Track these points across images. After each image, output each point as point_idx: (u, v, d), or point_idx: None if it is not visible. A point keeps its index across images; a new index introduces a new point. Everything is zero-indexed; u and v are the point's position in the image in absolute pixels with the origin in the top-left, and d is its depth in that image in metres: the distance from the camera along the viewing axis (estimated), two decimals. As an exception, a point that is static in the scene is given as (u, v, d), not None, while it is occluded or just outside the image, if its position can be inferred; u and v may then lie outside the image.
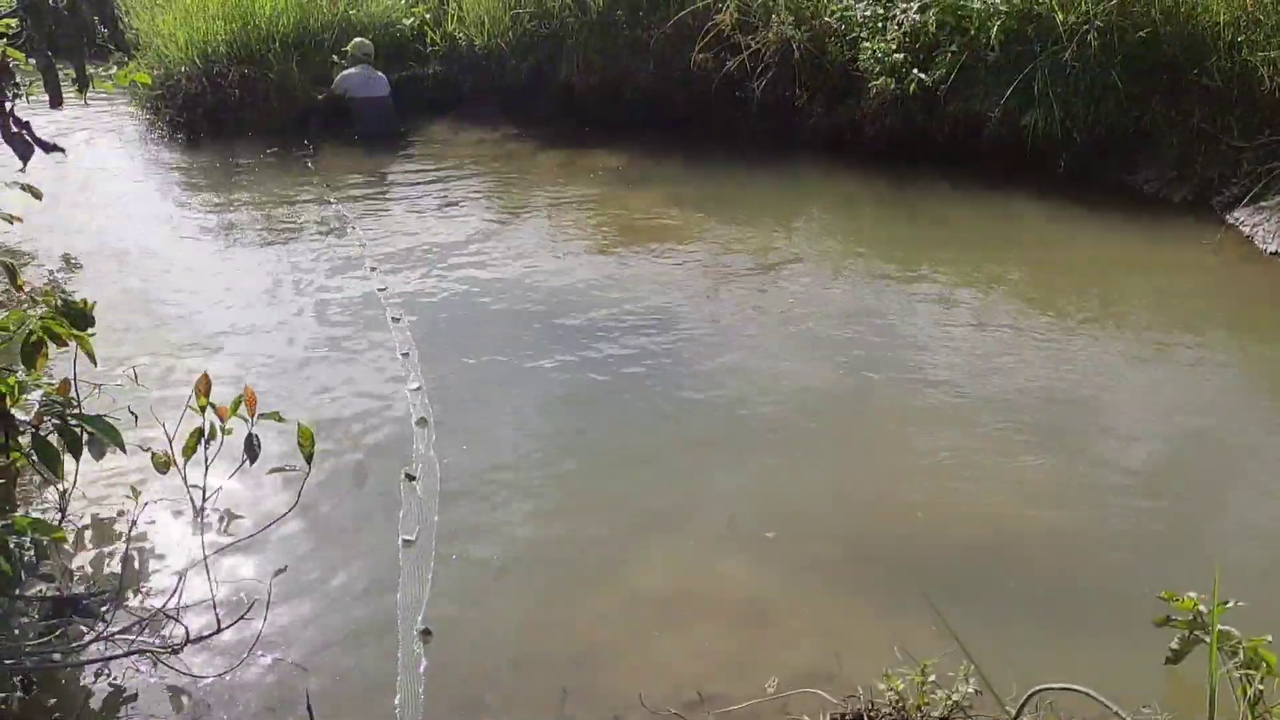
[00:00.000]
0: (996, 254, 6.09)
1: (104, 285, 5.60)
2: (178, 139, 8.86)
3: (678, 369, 4.78)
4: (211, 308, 5.46)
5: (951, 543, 3.57)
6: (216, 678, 2.91)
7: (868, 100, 7.53)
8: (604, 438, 4.29)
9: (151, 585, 3.31)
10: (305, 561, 3.45)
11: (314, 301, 5.56)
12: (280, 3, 9.05)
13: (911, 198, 7.06)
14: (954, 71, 7.19)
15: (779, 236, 6.52)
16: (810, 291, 5.60)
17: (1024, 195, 6.83)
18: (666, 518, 3.73)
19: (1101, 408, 4.45)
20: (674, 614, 3.26)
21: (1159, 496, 3.88)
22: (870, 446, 4.19)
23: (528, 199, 7.31)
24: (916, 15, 7.34)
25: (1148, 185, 6.88)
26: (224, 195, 7.51)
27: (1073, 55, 6.83)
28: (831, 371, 4.76)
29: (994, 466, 3.98)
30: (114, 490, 3.73)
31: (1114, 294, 5.67)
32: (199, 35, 8.89)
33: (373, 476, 3.96)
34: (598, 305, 5.43)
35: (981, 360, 4.79)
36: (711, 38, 8.16)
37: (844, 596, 3.35)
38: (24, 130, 2.19)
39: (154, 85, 8.66)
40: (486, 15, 9.12)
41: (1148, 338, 5.10)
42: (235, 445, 3.31)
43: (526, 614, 3.28)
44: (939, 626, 3.04)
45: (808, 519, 3.72)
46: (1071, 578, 3.41)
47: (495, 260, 6.13)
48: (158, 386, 4.42)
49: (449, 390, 4.59)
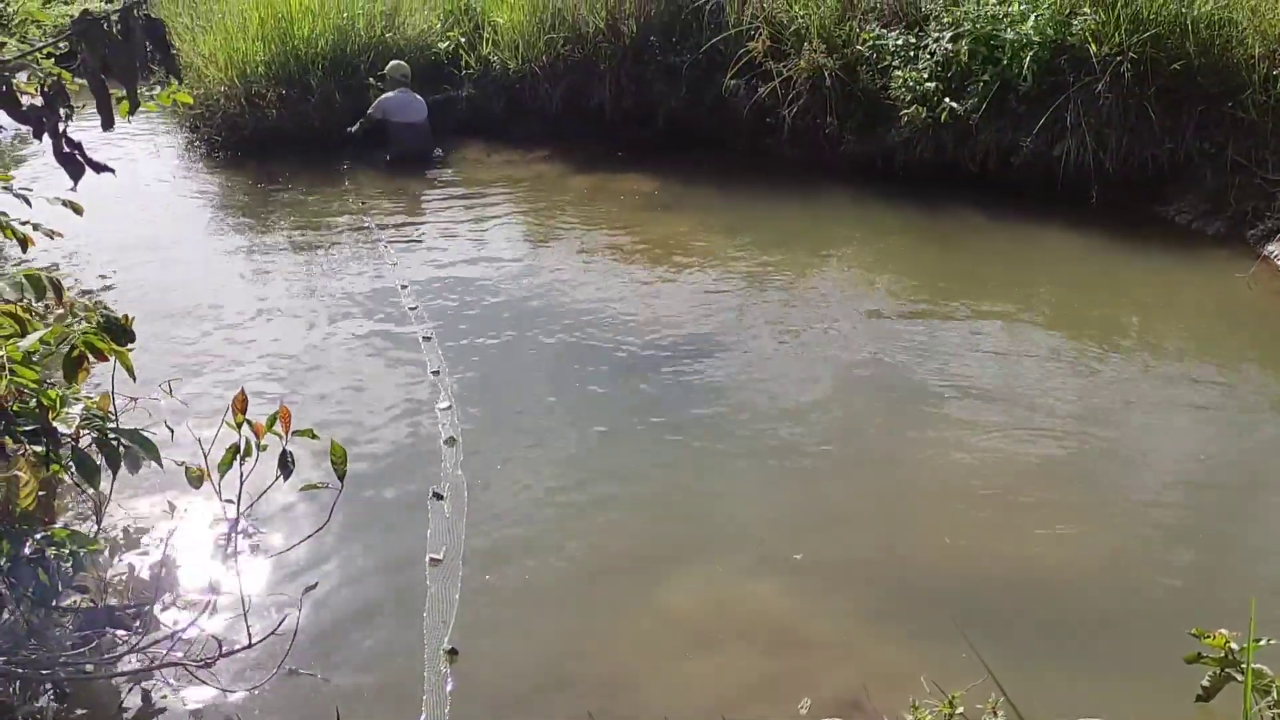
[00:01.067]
0: (1027, 284, 6.07)
1: (138, 300, 5.68)
2: (216, 157, 9.00)
3: (706, 392, 4.79)
4: (244, 323, 5.53)
5: (979, 572, 3.56)
6: (248, 692, 2.93)
7: (899, 128, 7.55)
8: (633, 460, 4.30)
9: (183, 598, 3.35)
10: (333, 577, 3.48)
11: (344, 318, 5.63)
12: (319, 25, 9.19)
13: (942, 226, 7.05)
14: (986, 101, 7.19)
15: (809, 262, 6.53)
16: (839, 317, 5.60)
17: (1056, 225, 6.81)
18: (695, 540, 3.74)
19: (1132, 440, 4.42)
20: (703, 637, 3.26)
21: (1191, 531, 3.85)
22: (899, 473, 4.17)
23: (558, 221, 7.36)
24: (949, 44, 7.35)
25: (1180, 217, 6.84)
26: (260, 213, 7.61)
27: (1106, 86, 6.82)
28: (860, 398, 4.76)
29: (1023, 497, 3.96)
30: (148, 504, 3.78)
31: (1146, 326, 5.63)
32: (238, 56, 9.02)
33: (401, 495, 3.99)
34: (627, 327, 5.45)
35: (1011, 390, 4.77)
36: (743, 64, 8.20)
37: (872, 622, 3.34)
38: (76, 151, 2.23)
39: (194, 104, 8.79)
40: (521, 39, 9.21)
41: (1180, 371, 5.06)
42: (267, 460, 3.35)
43: (555, 636, 3.29)
44: (968, 654, 3.02)
45: (836, 543, 3.72)
46: (1102, 611, 3.39)
47: (525, 280, 6.18)
48: (192, 400, 4.47)
49: (479, 409, 4.62)
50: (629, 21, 8.77)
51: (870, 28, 7.86)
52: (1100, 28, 6.87)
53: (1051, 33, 7.00)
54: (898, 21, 7.91)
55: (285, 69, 9.05)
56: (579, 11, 8.95)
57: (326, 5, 9.27)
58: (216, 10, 9.79)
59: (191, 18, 9.99)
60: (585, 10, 8.91)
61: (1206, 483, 4.16)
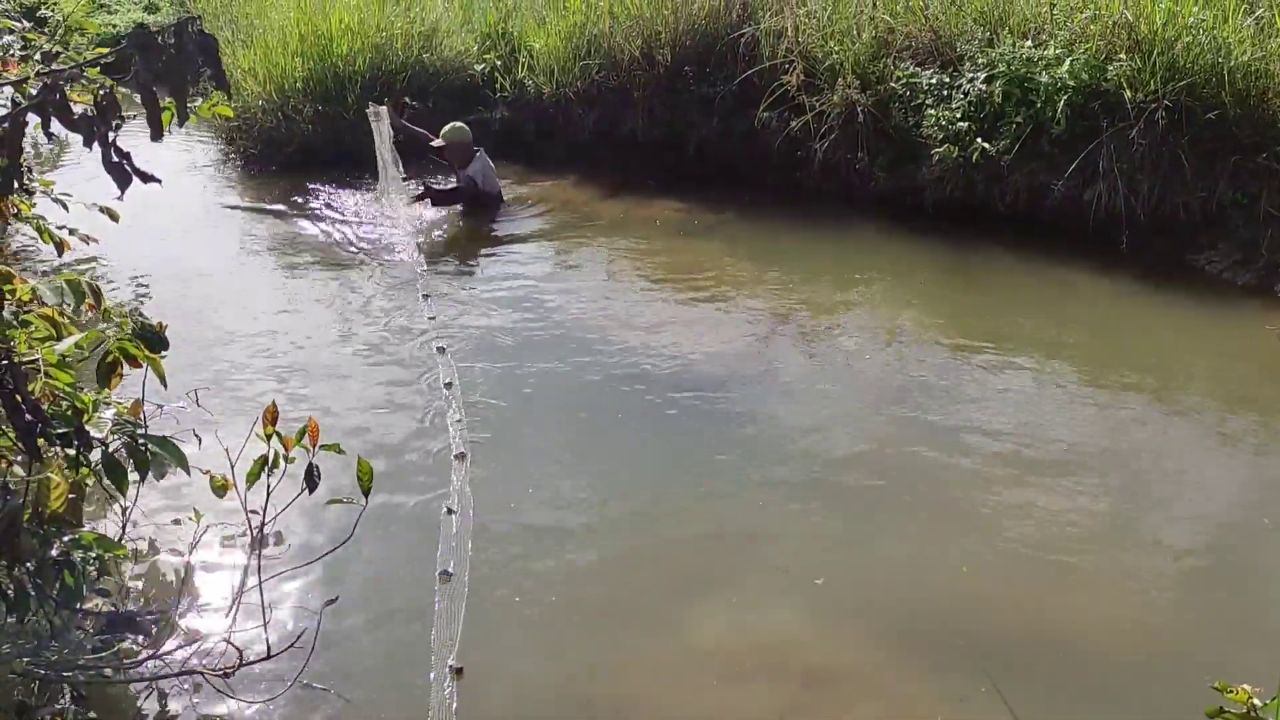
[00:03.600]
0: (1054, 327, 6.05)
1: (167, 308, 5.75)
2: (251, 170, 9.11)
3: (727, 420, 4.79)
4: (267, 333, 5.61)
5: (1001, 613, 3.54)
6: (263, 703, 2.94)
7: (930, 166, 7.55)
8: (651, 484, 4.31)
9: (203, 607, 3.36)
10: (341, 590, 3.49)
11: (365, 329, 5.72)
12: (357, 44, 9.30)
13: (970, 265, 7.04)
14: (1018, 142, 7.20)
15: (834, 296, 6.53)
16: (863, 351, 5.60)
17: (1084, 269, 6.78)
18: (713, 568, 3.74)
19: (1159, 489, 4.39)
20: (718, 666, 3.25)
21: (1218, 582, 3.81)
22: (921, 511, 4.15)
23: (586, 244, 7.40)
24: (983, 85, 7.37)
25: (1211, 266, 6.80)
26: (290, 226, 7.69)
27: (1139, 133, 6.80)
28: (882, 435, 4.74)
29: (1046, 539, 3.94)
30: (170, 511, 3.80)
31: (1172, 375, 5.59)
32: (277, 71, 9.15)
33: (411, 509, 4.01)
34: (648, 352, 5.46)
35: (1035, 433, 4.74)
36: (776, 97, 8.25)
37: (892, 656, 3.32)
38: (125, 160, 2.27)
39: (232, 117, 8.91)
40: (556, 65, 9.29)
41: (1208, 422, 5.02)
42: (287, 473, 3.37)
43: (564, 658, 3.28)
44: (989, 691, 3.00)
45: (857, 574, 3.71)
46: (1122, 660, 3.35)
47: (549, 301, 6.21)
48: (216, 410, 4.51)
49: (492, 426, 4.65)
50: (664, 51, 8.83)
51: (904, 66, 7.89)
52: (1136, 74, 6.87)
53: (1086, 77, 7.00)
54: (932, 60, 7.94)
55: (323, 85, 9.17)
56: (614, 39, 9.03)
57: (366, 24, 9.40)
58: (258, 25, 9.96)
59: (233, 32, 10.16)
60: (621, 38, 8.98)
61: (1236, 534, 4.12)
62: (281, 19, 9.55)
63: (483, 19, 10.34)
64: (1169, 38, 6.87)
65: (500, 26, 10.21)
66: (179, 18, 2.23)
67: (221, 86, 2.30)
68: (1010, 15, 7.79)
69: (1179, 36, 6.84)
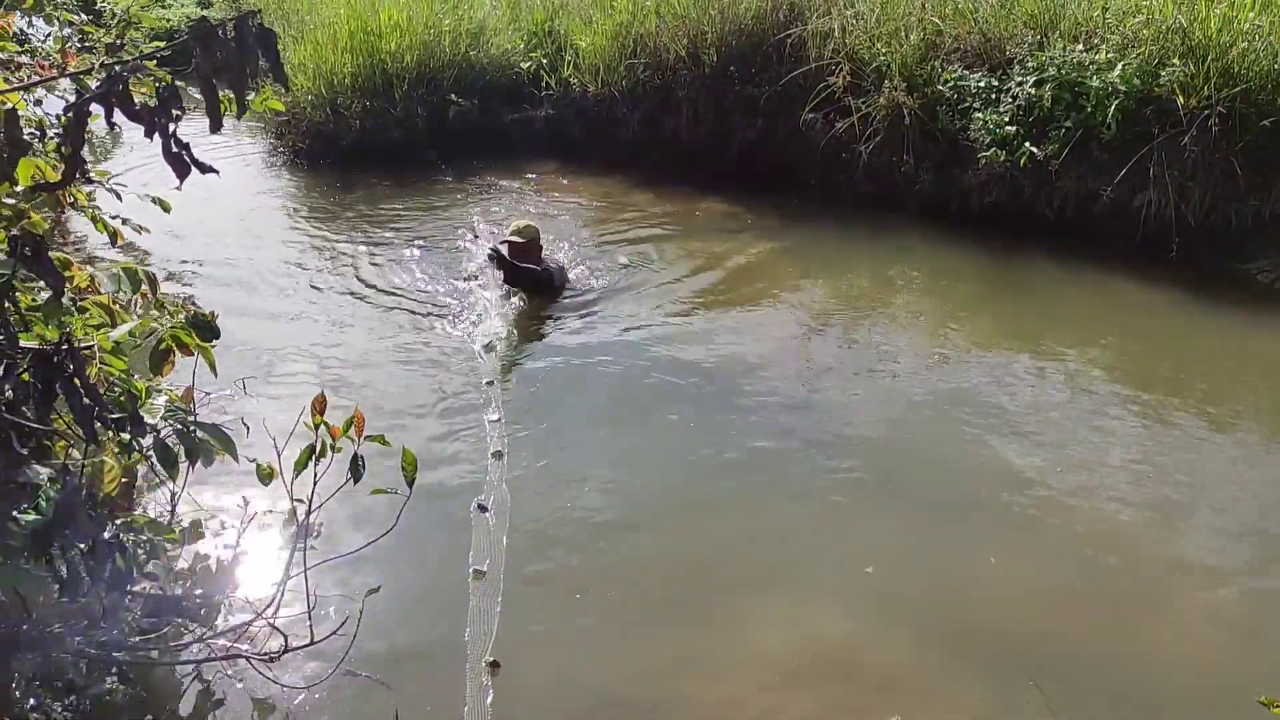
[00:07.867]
0: (1099, 335, 5.98)
1: (215, 298, 5.84)
2: (299, 164, 9.22)
3: (766, 423, 4.78)
4: (309, 323, 5.70)
5: (1047, 623, 3.51)
6: (306, 690, 2.98)
7: (976, 171, 7.49)
8: (687, 482, 4.31)
9: (247, 592, 3.41)
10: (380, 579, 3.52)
11: (405, 322, 5.80)
12: (406, 40, 9.39)
13: (1015, 271, 6.97)
14: (1067, 147, 7.12)
15: (876, 299, 6.50)
16: (903, 355, 5.56)
17: (1132, 277, 6.70)
18: (751, 569, 3.73)
19: (1204, 502, 4.32)
20: (757, 666, 3.25)
21: (1266, 598, 3.75)
22: (961, 518, 4.13)
23: (628, 241, 7.41)
24: (1032, 89, 7.29)
25: (1261, 275, 6.69)
26: (336, 219, 7.78)
27: (1192, 139, 6.71)
28: (922, 440, 4.71)
29: (1091, 553, 3.90)
30: (216, 498, 3.86)
31: (1218, 386, 5.50)
32: (326, 67, 9.25)
33: (447, 505, 4.04)
34: (688, 354, 5.47)
35: (1076, 443, 4.68)
36: (822, 99, 8.21)
37: (932, 660, 3.30)
38: (184, 151, 2.31)
39: (283, 111, 9.03)
40: (602, 64, 9.32)
41: (1253, 435, 4.94)
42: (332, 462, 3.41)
43: (601, 655, 3.30)
44: (1033, 700, 2.98)
45: (897, 573, 3.69)
46: (1175, 678, 3.32)
47: (589, 297, 6.25)
48: (260, 398, 4.59)
49: (530, 422, 4.68)
50: (710, 51, 8.83)
51: (952, 68, 7.83)
52: (1189, 80, 6.78)
53: (1139, 83, 6.91)
54: (980, 64, 7.87)
55: (371, 81, 9.27)
56: (660, 39, 9.04)
57: (414, 22, 9.48)
58: (309, 21, 10.08)
59: (283, 28, 10.29)
60: (667, 38, 9.00)
61: (1276, 549, 4.06)
62: (331, 15, 9.67)
63: (530, 17, 10.40)
64: (1224, 43, 6.76)
65: (547, 25, 10.26)
66: (239, 11, 2.27)
67: (280, 80, 2.34)
68: (1061, 19, 7.72)
69: (1234, 42, 6.74)
